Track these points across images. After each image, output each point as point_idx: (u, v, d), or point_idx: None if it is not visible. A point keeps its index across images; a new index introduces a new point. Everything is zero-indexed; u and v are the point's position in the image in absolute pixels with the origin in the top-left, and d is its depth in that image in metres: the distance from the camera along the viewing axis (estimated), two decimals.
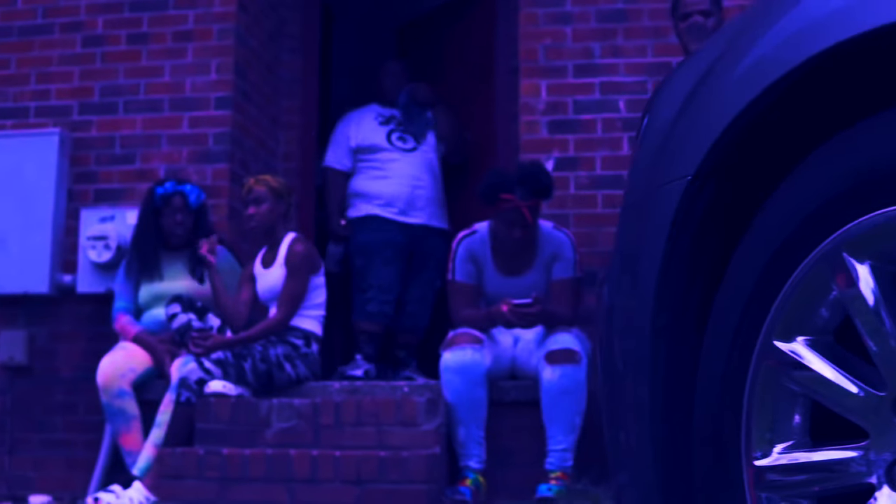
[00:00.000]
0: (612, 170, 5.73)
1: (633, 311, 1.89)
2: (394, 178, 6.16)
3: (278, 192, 5.29)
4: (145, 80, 6.05)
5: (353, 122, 6.37)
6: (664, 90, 2.02)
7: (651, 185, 1.87)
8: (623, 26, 5.86)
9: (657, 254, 1.84)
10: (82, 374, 5.76)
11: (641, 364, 1.85)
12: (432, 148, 6.32)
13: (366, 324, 5.94)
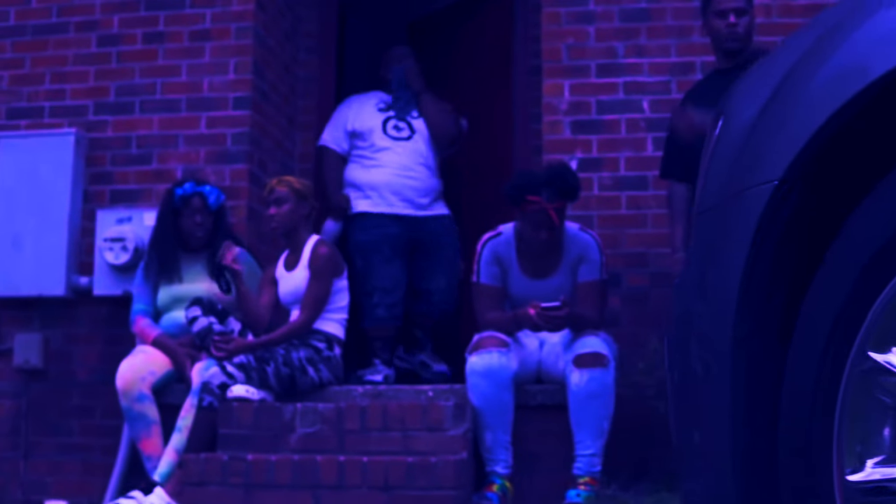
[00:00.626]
0: (636, 170, 5.67)
1: (713, 318, 1.83)
2: (384, 168, 5.99)
3: (301, 193, 5.21)
4: (162, 79, 5.97)
5: (354, 105, 6.24)
6: (741, 90, 1.95)
7: (731, 190, 1.81)
8: (646, 25, 5.78)
9: (739, 261, 1.77)
10: (99, 377, 5.69)
11: (722, 373, 1.79)
12: (425, 138, 6.12)
13: (378, 330, 5.83)
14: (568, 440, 4.78)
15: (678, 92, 5.63)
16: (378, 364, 5.75)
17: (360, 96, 6.30)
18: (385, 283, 5.80)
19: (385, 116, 6.12)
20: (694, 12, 5.69)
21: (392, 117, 6.13)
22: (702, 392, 1.87)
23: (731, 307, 1.77)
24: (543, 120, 5.78)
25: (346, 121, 6.14)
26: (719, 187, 1.86)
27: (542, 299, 4.86)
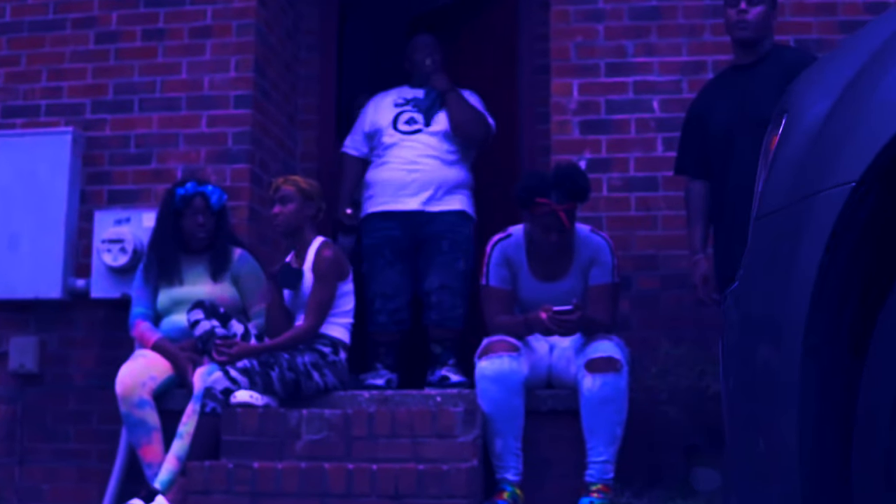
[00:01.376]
0: (646, 171, 5.58)
1: (780, 326, 1.72)
2: (389, 164, 5.79)
3: (307, 193, 5.09)
4: (161, 77, 5.85)
5: (373, 104, 6.02)
6: (805, 89, 1.84)
7: (800, 192, 1.70)
8: (657, 24, 5.69)
9: (810, 267, 1.66)
10: (96, 381, 5.59)
11: (790, 381, 1.68)
12: (441, 129, 5.82)
13: (380, 335, 5.68)
14: (579, 446, 4.67)
15: (689, 91, 5.54)
16: (380, 368, 5.62)
17: (382, 94, 6.06)
18: (385, 288, 5.64)
19: (399, 111, 5.89)
20: (705, 10, 5.65)
21: (407, 111, 5.87)
22: (768, 399, 1.76)
23: (802, 315, 1.66)
24: (552, 120, 5.68)
25: (364, 122, 5.97)
26: (785, 189, 1.75)
27: (553, 302, 4.75)
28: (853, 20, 5.58)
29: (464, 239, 5.73)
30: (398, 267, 5.68)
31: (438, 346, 5.68)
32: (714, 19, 5.59)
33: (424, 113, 5.83)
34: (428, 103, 5.82)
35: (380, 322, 5.64)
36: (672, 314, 5.44)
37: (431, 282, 5.63)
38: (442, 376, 5.56)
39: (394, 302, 5.64)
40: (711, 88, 4.82)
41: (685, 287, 5.37)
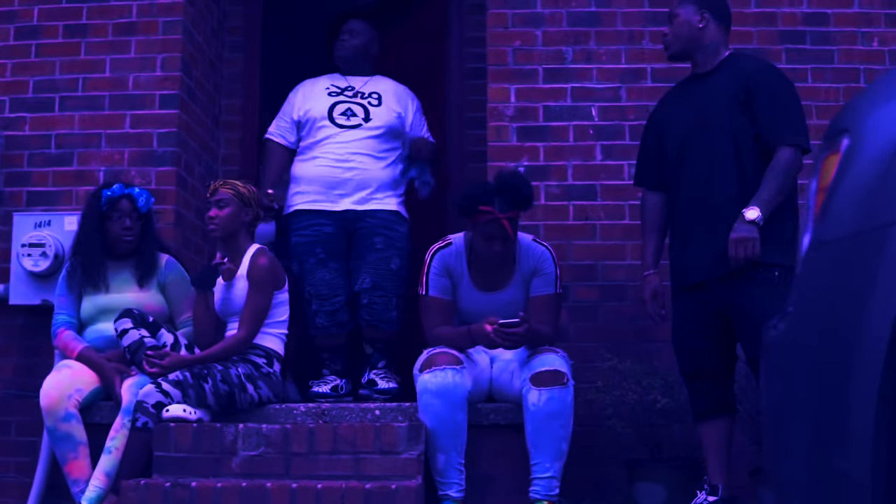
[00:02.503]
0: (585, 179, 5.52)
1: (850, 361, 1.60)
2: (321, 159, 5.49)
3: (245, 198, 4.92)
4: (84, 75, 5.65)
5: (302, 90, 5.75)
6: (878, 105, 1.72)
7: (874, 221, 1.59)
8: (596, 30, 5.63)
9: (890, 300, 1.54)
10: (14, 391, 5.38)
11: (863, 435, 1.57)
12: (380, 126, 5.54)
13: (323, 339, 5.47)
14: (523, 461, 4.57)
15: (628, 99, 5.54)
16: (327, 374, 5.43)
17: (310, 81, 5.82)
18: (320, 289, 5.38)
19: (334, 101, 5.61)
20: (644, 17, 5.63)
21: (344, 101, 5.61)
22: (833, 436, 1.65)
23: (879, 352, 1.54)
24: (488, 125, 5.58)
25: (292, 109, 5.68)
26: (853, 217, 1.64)
27: (495, 313, 4.65)
28: (792, 30, 5.58)
29: (399, 237, 5.49)
30: (332, 265, 5.43)
31: (370, 347, 5.50)
32: (654, 26, 5.57)
33: (362, 104, 5.60)
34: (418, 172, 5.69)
35: (319, 325, 5.41)
36: (611, 326, 5.39)
37: (364, 281, 5.40)
38: (370, 380, 5.39)
39: (331, 303, 5.40)
40: (670, 98, 4.75)
41: (624, 298, 5.38)
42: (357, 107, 5.59)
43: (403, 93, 5.78)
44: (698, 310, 4.48)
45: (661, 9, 5.52)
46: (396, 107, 5.66)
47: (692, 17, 4.58)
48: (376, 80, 5.78)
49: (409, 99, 5.76)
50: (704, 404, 4.54)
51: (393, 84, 5.79)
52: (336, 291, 5.42)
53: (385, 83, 5.79)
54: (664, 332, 5.23)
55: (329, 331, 5.43)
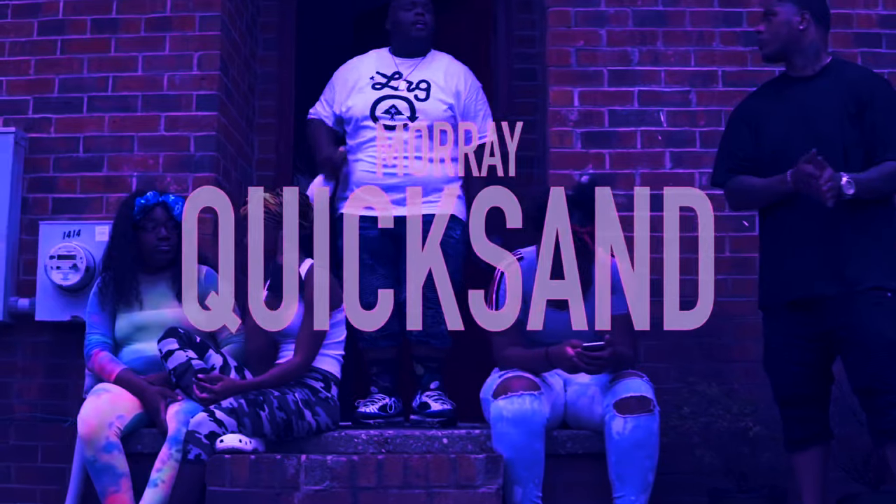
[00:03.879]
0: (653, 188, 5.06)
1: None
2: (364, 163, 5.04)
3: (277, 215, 4.48)
4: (114, 73, 5.29)
5: (347, 75, 5.24)
6: None
7: None
8: (663, 30, 5.31)
9: None
10: (40, 413, 5.03)
11: None
12: (429, 122, 5.03)
13: (370, 353, 5.06)
14: (603, 494, 4.25)
15: (698, 104, 5.28)
16: (374, 393, 5.02)
17: (356, 61, 5.32)
18: (368, 297, 4.68)
19: (377, 97, 5.09)
20: (714, 17, 5.37)
21: (388, 97, 5.10)
22: None
23: None
24: (549, 130, 5.25)
25: (334, 99, 5.22)
26: None
27: (570, 334, 4.31)
28: (868, 32, 5.29)
29: (453, 243, 4.94)
30: (380, 272, 4.99)
31: (420, 367, 5.08)
32: (724, 27, 5.32)
33: (407, 100, 5.07)
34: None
35: (367, 336, 4.97)
36: (679, 344, 5.05)
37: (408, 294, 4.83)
38: (422, 403, 4.99)
39: None
40: (762, 97, 4.42)
41: None
42: (402, 102, 5.07)
43: (457, 75, 5.22)
44: (799, 330, 4.18)
45: (731, 8, 5.34)
46: (446, 96, 5.13)
47: (792, 18, 4.26)
48: (428, 61, 5.24)
49: (463, 82, 5.23)
50: (801, 432, 4.26)
51: (447, 63, 5.26)
52: (385, 299, 4.77)
53: (438, 63, 5.24)
54: (737, 350, 5.03)
55: (378, 343, 5.02)
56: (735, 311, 4.98)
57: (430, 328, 4.90)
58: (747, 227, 5.11)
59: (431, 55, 5.26)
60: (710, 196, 4.98)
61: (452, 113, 5.12)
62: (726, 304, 4.95)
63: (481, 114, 5.22)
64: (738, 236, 5.13)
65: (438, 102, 5.10)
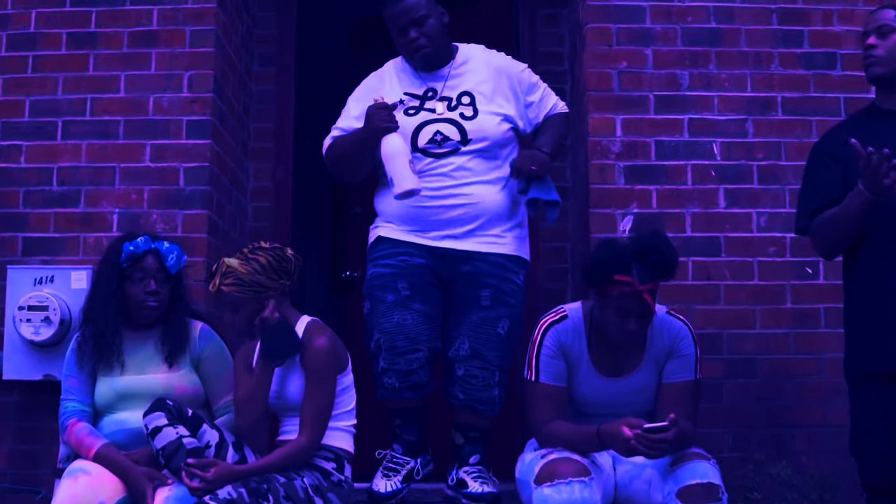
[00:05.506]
0: (706, 231, 4.69)
1: None
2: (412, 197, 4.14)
3: (259, 281, 3.86)
4: (93, 94, 4.76)
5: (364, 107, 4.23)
6: None
7: None
8: (716, 50, 4.79)
9: None
10: (8, 484, 4.52)
11: None
12: (486, 143, 4.19)
13: (391, 402, 4.27)
14: None
15: (756, 134, 4.77)
16: (398, 452, 4.29)
17: (371, 85, 4.37)
18: (396, 339, 4.11)
19: (415, 125, 4.20)
20: (772, 36, 4.86)
21: (428, 122, 4.21)
22: None
23: None
24: (590, 163, 4.71)
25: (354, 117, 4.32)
26: None
27: (622, 404, 3.80)
28: None
29: (513, 291, 4.23)
30: (417, 307, 4.14)
31: (461, 436, 4.32)
32: (784, 47, 4.81)
33: (455, 122, 4.20)
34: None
35: (388, 385, 4.19)
36: (737, 408, 4.58)
37: (460, 346, 4.18)
38: (459, 480, 4.29)
39: (407, 360, 4.13)
40: (851, 130, 3.78)
41: (753, 374, 4.63)
42: (447, 126, 4.19)
43: (499, 70, 4.34)
44: None
45: (791, 27, 4.85)
46: (498, 102, 4.29)
47: None
48: (459, 67, 4.33)
49: (509, 76, 4.35)
50: None
51: (482, 60, 4.36)
52: (417, 345, 4.14)
53: (472, 65, 4.34)
54: (800, 413, 4.58)
55: (402, 395, 4.22)
56: (797, 369, 4.60)
57: (479, 392, 4.20)
58: (811, 275, 4.63)
59: (459, 55, 4.37)
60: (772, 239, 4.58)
61: (511, 123, 4.30)
62: (788, 361, 4.60)
63: (545, 98, 4.39)
64: (801, 284, 4.66)
65: (490, 116, 4.24)
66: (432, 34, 4.25)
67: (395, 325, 4.11)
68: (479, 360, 4.17)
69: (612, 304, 3.76)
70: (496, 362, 4.20)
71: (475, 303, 4.19)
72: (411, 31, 4.22)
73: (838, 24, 4.77)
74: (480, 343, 4.15)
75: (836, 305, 3.95)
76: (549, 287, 5.33)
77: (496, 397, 4.22)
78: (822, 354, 4.54)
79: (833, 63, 4.76)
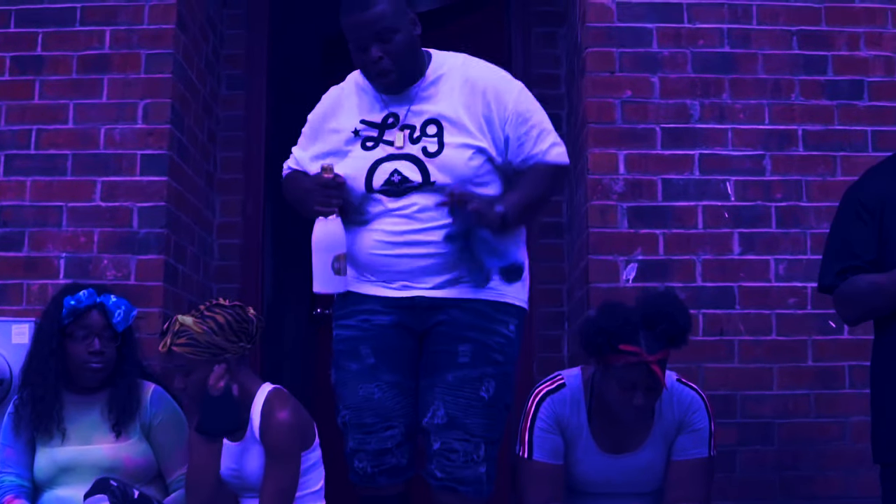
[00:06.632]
0: (719, 280, 4.28)
1: None
2: (372, 234, 3.39)
3: (214, 343, 3.43)
4: (38, 125, 4.35)
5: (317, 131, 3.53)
6: None
7: None
8: (730, 77, 4.39)
9: None
10: None
11: None
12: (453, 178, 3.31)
13: (363, 489, 3.50)
14: None
15: (774, 172, 4.35)
16: None
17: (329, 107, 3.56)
18: (364, 415, 3.39)
19: (369, 164, 3.37)
20: (792, 62, 4.46)
21: (384, 159, 3.36)
22: None
23: None
24: (589, 203, 4.30)
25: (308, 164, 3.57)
26: None
27: (625, 483, 3.48)
28: None
29: (502, 345, 3.40)
30: (385, 377, 3.42)
31: None
32: (805, 74, 4.41)
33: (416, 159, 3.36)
34: None
35: (359, 470, 3.45)
36: (753, 478, 4.20)
37: (435, 413, 3.39)
38: None
39: (379, 438, 3.41)
40: (887, 176, 3.33)
41: (771, 441, 4.26)
42: (407, 164, 3.35)
43: (479, 86, 3.40)
44: None
45: (814, 51, 4.45)
46: (470, 131, 3.38)
47: None
48: (429, 84, 3.42)
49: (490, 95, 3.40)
50: None
51: (460, 74, 3.43)
52: (390, 421, 3.41)
53: (446, 82, 3.41)
54: (820, 483, 4.26)
55: (376, 481, 3.47)
56: (817, 433, 4.25)
57: (461, 469, 3.40)
58: (834, 329, 4.26)
59: (432, 69, 3.46)
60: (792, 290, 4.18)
61: (486, 156, 3.39)
62: (808, 426, 4.25)
63: (526, 128, 3.42)
64: (823, 340, 4.28)
65: (458, 150, 3.36)
66: (399, 53, 3.34)
67: (362, 400, 3.41)
68: (458, 430, 3.38)
69: (616, 375, 3.37)
70: (480, 433, 3.40)
71: (451, 360, 3.37)
72: (373, 48, 3.32)
73: (865, 48, 4.39)
74: (460, 409, 3.36)
75: (862, 363, 3.60)
76: (545, 333, 4.95)
77: (482, 476, 3.41)
78: (847, 418, 4.18)
79: (860, 92, 4.37)
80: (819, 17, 4.40)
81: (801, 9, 4.41)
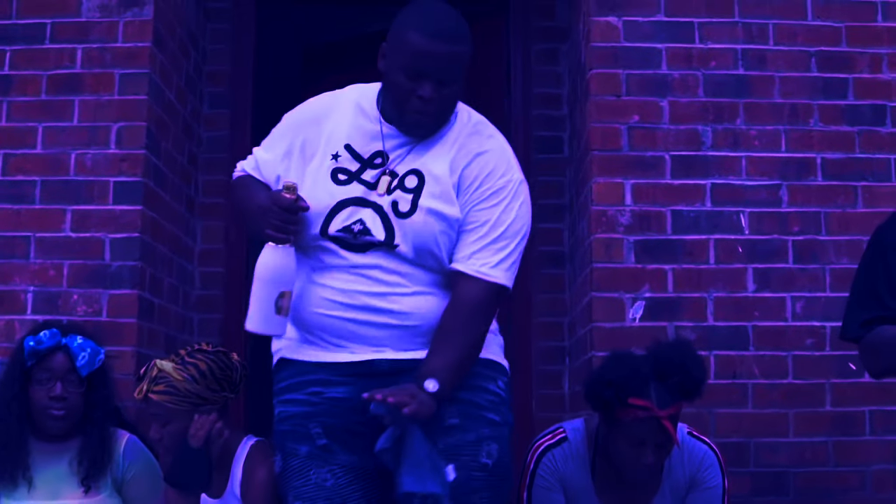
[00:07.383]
0: (732, 320, 4.07)
1: None
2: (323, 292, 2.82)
3: (195, 392, 3.18)
4: (4, 150, 4.11)
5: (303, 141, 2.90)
6: None
7: None
8: (745, 101, 4.17)
9: None
10: None
11: None
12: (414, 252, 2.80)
13: None
14: None
15: (791, 203, 4.14)
16: None
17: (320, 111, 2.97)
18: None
19: (340, 197, 2.81)
20: (811, 85, 4.25)
21: (354, 201, 2.81)
22: None
23: None
24: (594, 237, 4.08)
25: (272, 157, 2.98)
26: None
27: None
28: None
29: (494, 403, 2.89)
30: (340, 459, 2.86)
31: None
32: (824, 99, 4.19)
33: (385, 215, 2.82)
34: None
35: None
36: None
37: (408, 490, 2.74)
38: None
39: None
40: None
41: (786, 491, 4.04)
42: (373, 216, 2.82)
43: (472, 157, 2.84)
44: None
45: (833, 73, 4.24)
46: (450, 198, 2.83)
47: None
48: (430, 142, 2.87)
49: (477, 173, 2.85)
50: None
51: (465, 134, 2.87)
52: None
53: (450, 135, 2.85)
54: None
55: None
56: (836, 483, 4.05)
57: None
58: (854, 372, 4.03)
59: None
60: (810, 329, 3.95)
61: (455, 228, 2.87)
62: (826, 475, 4.05)
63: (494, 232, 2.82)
64: (843, 384, 4.06)
65: (429, 218, 2.83)
66: (448, 104, 2.84)
67: (315, 488, 2.88)
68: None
69: (624, 431, 3.14)
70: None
71: (437, 425, 2.81)
72: (429, 85, 2.76)
73: (888, 70, 4.17)
74: (460, 483, 2.79)
75: (885, 408, 3.60)
76: (544, 368, 4.69)
77: None
78: (868, 467, 3.98)
79: (882, 118, 4.16)
80: (839, 37, 4.18)
81: (820, 28, 4.20)
